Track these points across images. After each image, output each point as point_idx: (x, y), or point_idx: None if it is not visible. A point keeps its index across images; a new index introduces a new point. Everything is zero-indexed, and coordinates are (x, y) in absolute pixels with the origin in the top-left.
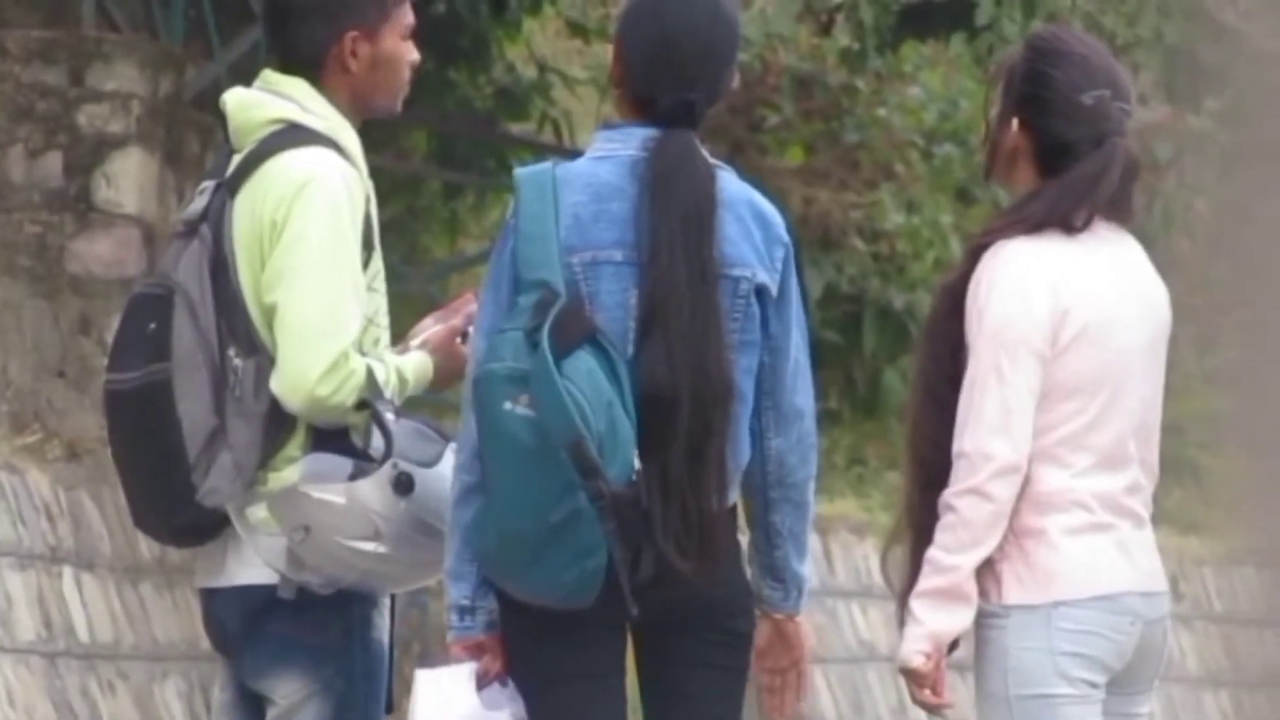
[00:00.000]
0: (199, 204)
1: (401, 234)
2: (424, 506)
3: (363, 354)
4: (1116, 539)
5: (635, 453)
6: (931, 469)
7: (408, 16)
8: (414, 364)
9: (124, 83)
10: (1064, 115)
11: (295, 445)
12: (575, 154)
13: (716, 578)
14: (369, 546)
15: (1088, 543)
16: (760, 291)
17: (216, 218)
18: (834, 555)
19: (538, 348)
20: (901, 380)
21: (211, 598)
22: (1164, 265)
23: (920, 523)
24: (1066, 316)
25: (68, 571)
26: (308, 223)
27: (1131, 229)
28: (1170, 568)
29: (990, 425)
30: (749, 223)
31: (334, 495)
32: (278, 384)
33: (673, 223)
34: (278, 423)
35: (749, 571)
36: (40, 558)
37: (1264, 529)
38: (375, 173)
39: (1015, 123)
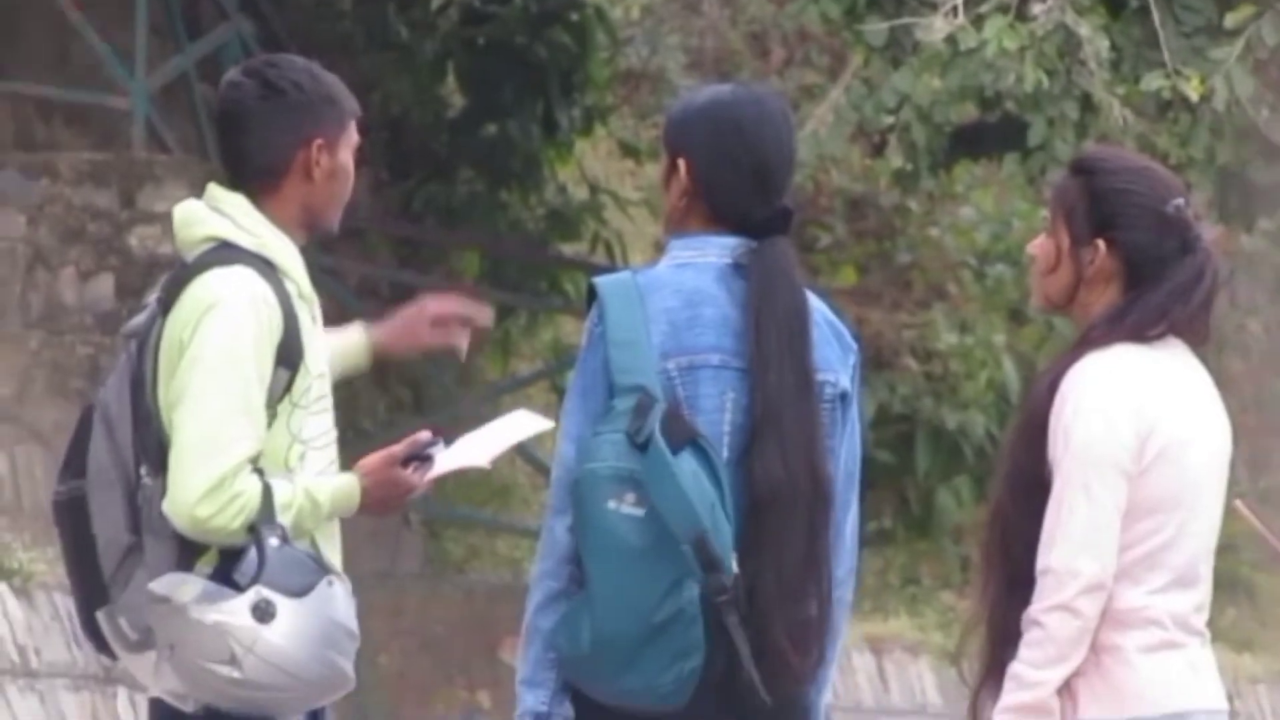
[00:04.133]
0: (140, 319)
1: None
2: (288, 637)
3: (288, 470)
4: (1187, 658)
5: (734, 556)
6: (1020, 567)
7: (356, 134)
8: (334, 487)
9: (174, 204)
10: (1153, 227)
11: (206, 565)
12: (635, 272)
13: (820, 677)
14: (224, 670)
15: (1162, 661)
16: (843, 397)
17: (144, 334)
18: (888, 674)
19: (648, 447)
20: (955, 500)
21: (150, 707)
22: (1217, 385)
23: (1003, 622)
24: (1151, 434)
25: (122, 692)
26: (205, 345)
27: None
28: (1225, 686)
29: (1078, 543)
30: (825, 329)
31: (195, 615)
32: (165, 504)
33: (779, 331)
34: (190, 542)
35: None
36: (94, 678)
37: None
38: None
39: (1101, 244)
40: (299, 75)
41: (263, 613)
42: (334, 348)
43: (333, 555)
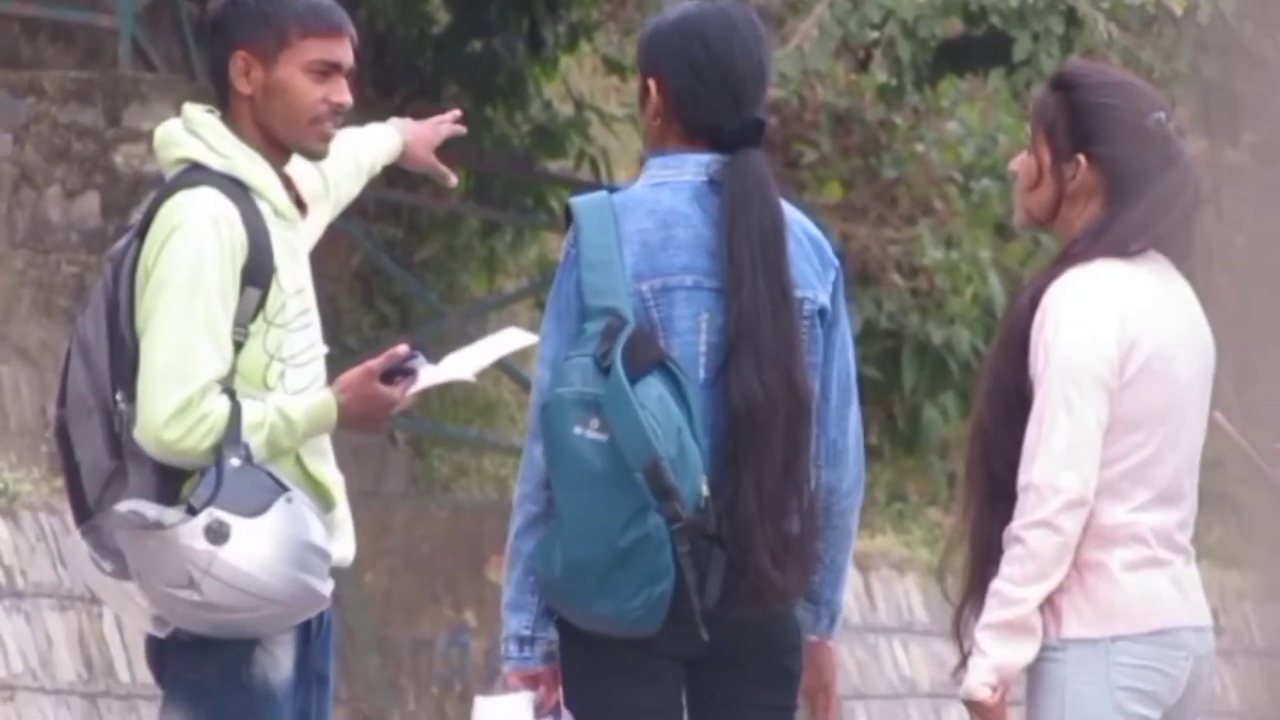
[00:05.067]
0: (120, 243)
1: (440, 272)
2: (245, 557)
3: (268, 388)
4: (1171, 574)
5: (704, 479)
6: (1001, 484)
7: (320, 53)
8: (309, 404)
9: (161, 122)
10: (1134, 141)
11: (190, 489)
12: (613, 191)
13: (802, 593)
14: (184, 594)
15: (1146, 578)
16: (822, 313)
17: (120, 258)
18: (875, 591)
19: (610, 372)
20: (941, 416)
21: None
22: (1202, 299)
23: (985, 539)
24: (1133, 348)
25: (108, 613)
26: (169, 269)
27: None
28: (1211, 602)
29: (1059, 458)
30: (805, 244)
31: (153, 539)
32: (136, 429)
33: (753, 245)
34: (172, 467)
35: None
36: (80, 599)
37: None
38: (413, 211)
39: (1082, 159)
40: None
41: (215, 534)
42: (370, 142)
43: (326, 468)
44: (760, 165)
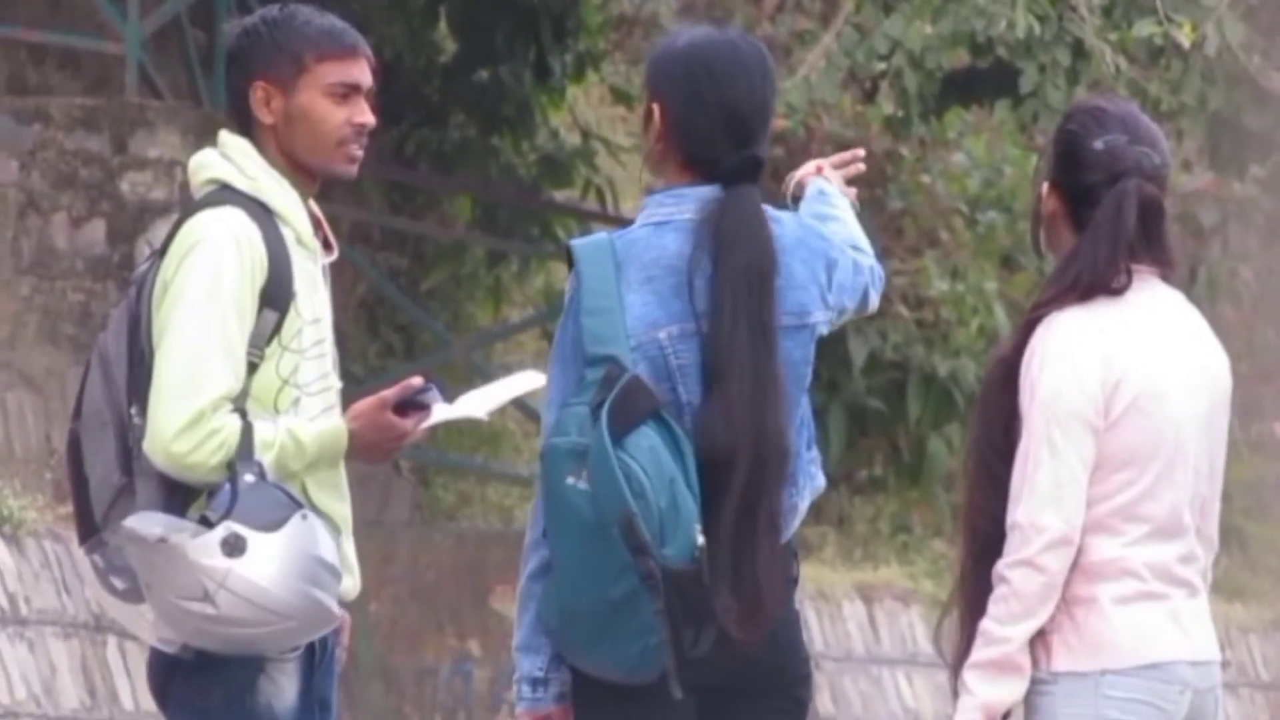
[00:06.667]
0: (145, 264)
1: (445, 301)
2: (260, 571)
3: (278, 412)
4: (1168, 608)
5: (698, 529)
6: (984, 541)
7: (338, 75)
8: (321, 429)
9: (167, 150)
10: (1078, 164)
11: (199, 507)
12: (619, 221)
13: (767, 638)
14: (198, 608)
15: (1138, 611)
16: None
17: (143, 277)
18: (879, 623)
19: (598, 423)
20: (946, 447)
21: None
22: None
23: (972, 594)
24: (1118, 388)
25: (112, 640)
26: (186, 283)
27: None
28: (1216, 634)
29: (1043, 497)
30: (816, 265)
31: (166, 553)
32: (145, 441)
33: (736, 283)
34: (181, 484)
35: None
36: (84, 626)
37: None
38: (419, 240)
39: (1046, 186)
40: (261, 19)
41: (232, 547)
42: None
43: (333, 503)
44: (753, 203)
